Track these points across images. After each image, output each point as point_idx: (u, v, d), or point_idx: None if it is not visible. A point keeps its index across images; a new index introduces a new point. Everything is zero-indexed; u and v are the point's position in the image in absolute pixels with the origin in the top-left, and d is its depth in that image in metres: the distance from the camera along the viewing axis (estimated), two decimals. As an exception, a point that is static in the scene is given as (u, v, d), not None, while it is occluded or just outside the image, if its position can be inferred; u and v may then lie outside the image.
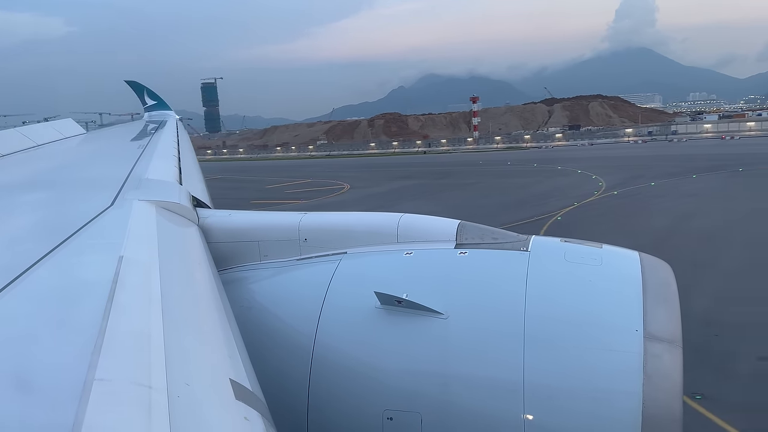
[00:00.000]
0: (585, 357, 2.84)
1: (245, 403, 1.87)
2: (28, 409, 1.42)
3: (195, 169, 8.86)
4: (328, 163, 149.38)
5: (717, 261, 29.32)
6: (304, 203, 61.53)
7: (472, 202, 55.22)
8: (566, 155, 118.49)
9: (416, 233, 3.85)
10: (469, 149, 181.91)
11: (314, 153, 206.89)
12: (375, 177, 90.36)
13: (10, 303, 2.04)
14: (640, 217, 42.25)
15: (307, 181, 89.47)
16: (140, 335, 1.90)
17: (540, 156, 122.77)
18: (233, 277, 3.93)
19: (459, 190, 68.61)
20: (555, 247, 3.50)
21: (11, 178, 6.15)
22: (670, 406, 2.73)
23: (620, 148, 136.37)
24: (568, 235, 3.91)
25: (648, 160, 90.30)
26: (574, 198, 52.02)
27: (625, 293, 3.05)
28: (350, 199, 65.30)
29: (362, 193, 70.02)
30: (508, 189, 65.15)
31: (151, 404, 1.51)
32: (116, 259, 2.48)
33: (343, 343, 3.23)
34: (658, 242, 32.38)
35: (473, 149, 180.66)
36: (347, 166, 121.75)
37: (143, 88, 26.48)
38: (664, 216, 41.63)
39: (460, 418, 2.93)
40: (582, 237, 3.81)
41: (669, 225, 38.56)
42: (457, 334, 3.04)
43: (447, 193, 64.39)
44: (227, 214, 4.48)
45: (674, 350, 2.82)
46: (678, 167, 75.26)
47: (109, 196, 3.96)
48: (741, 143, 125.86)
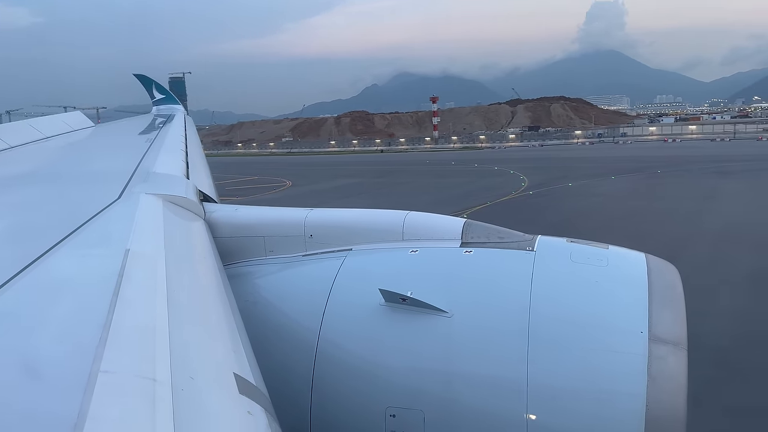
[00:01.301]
0: (589, 358, 2.85)
1: (249, 398, 1.88)
2: (34, 400, 1.44)
3: (202, 164, 8.87)
4: (282, 160, 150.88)
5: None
6: (239, 200, 63.18)
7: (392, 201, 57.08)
8: (511, 156, 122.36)
9: (421, 231, 3.89)
10: (426, 149, 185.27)
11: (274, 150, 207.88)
12: (320, 175, 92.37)
13: (17, 294, 2.05)
14: (538, 214, 44.89)
15: (253, 178, 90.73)
16: (145, 328, 1.92)
17: (487, 156, 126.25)
18: (239, 272, 3.96)
19: (388, 188, 71.03)
20: (561, 247, 3.50)
21: (20, 170, 6.16)
22: (674, 408, 2.73)
23: (566, 150, 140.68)
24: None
25: (582, 162, 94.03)
26: (491, 197, 54.56)
27: (630, 295, 3.06)
28: (285, 196, 67.30)
29: (299, 191, 71.96)
30: (434, 188, 67.78)
31: (155, 397, 1.52)
32: (122, 253, 2.49)
33: (346, 339, 3.25)
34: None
35: (430, 149, 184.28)
36: (299, 164, 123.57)
37: (152, 82, 26.14)
38: (559, 214, 44.36)
39: (463, 416, 2.95)
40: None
41: (558, 222, 41.12)
42: (461, 332, 3.05)
43: (374, 191, 67.02)
44: (234, 209, 4.54)
45: (679, 353, 2.82)
46: (604, 169, 78.89)
47: (116, 190, 3.99)
48: (680, 146, 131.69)
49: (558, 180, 67.71)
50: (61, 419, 1.35)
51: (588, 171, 77.09)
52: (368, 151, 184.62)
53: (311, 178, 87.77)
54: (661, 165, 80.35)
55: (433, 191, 64.49)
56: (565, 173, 74.89)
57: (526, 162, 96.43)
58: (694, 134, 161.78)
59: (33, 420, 1.37)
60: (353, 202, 52.78)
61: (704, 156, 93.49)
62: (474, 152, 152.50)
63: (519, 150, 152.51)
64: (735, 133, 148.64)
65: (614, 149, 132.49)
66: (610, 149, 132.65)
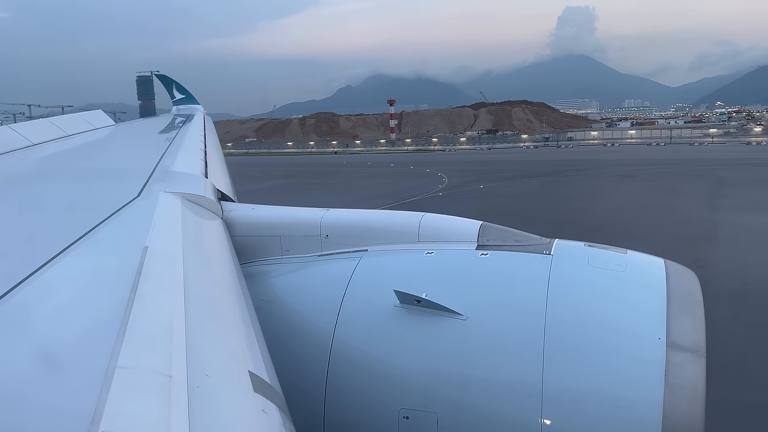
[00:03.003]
0: (605, 363, 2.83)
1: (263, 396, 1.89)
2: (52, 394, 1.46)
3: (220, 163, 9.00)
4: (234, 161, 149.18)
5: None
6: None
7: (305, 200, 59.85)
8: (453, 159, 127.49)
9: (437, 233, 3.88)
10: (381, 151, 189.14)
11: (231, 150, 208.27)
12: (260, 175, 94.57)
13: (37, 290, 2.07)
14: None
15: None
16: (162, 325, 1.93)
17: (432, 159, 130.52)
18: (255, 271, 3.99)
19: (315, 189, 74.30)
20: (578, 251, 3.47)
21: (42, 168, 6.27)
22: (691, 416, 2.68)
23: (508, 153, 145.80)
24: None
25: (511, 165, 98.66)
26: (401, 198, 57.94)
27: (648, 300, 3.03)
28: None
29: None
30: (356, 189, 71.33)
31: (171, 393, 1.54)
32: (141, 250, 2.52)
33: (361, 340, 3.25)
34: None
35: (385, 151, 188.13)
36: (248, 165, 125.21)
37: (172, 81, 26.12)
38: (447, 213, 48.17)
39: (477, 419, 2.93)
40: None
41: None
42: (476, 335, 3.03)
43: (298, 191, 70.00)
44: (251, 208, 4.57)
45: (697, 360, 2.78)
46: (524, 172, 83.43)
47: (136, 188, 4.03)
48: (612, 150, 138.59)
49: (475, 182, 71.87)
50: (78, 413, 1.36)
51: (509, 174, 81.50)
52: (324, 153, 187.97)
53: (249, 178, 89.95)
54: (577, 168, 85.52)
55: (354, 191, 67.90)
56: (486, 176, 79.10)
57: (462, 165, 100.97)
58: (633, 139, 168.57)
59: (51, 414, 1.40)
60: (270, 201, 55.66)
61: (622, 160, 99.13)
62: (423, 155, 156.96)
63: (466, 153, 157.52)
64: (671, 138, 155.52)
65: (551, 153, 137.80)
66: (547, 153, 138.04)
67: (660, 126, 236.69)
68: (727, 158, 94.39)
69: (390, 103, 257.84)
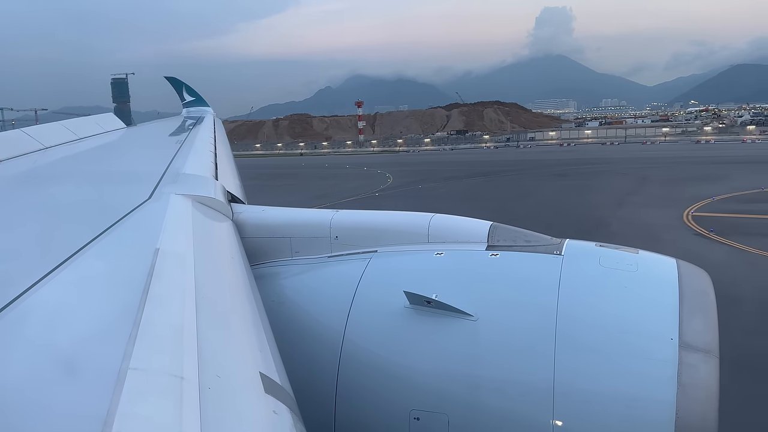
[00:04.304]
0: (617, 364, 2.83)
1: (274, 397, 1.90)
2: (65, 395, 1.47)
3: (230, 165, 9.10)
4: None
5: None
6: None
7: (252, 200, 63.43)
8: (411, 160, 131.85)
9: (447, 234, 3.88)
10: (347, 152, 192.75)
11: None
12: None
13: (49, 292, 2.08)
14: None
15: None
16: (174, 326, 1.95)
17: (389, 160, 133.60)
18: (265, 272, 4.00)
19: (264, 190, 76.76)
20: (589, 251, 3.46)
21: (55, 171, 6.30)
22: (705, 417, 2.67)
23: (466, 154, 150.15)
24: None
25: (460, 165, 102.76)
26: (341, 198, 60.90)
27: (660, 300, 3.02)
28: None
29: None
30: (302, 189, 74.44)
31: (182, 395, 1.55)
32: (153, 252, 2.54)
33: (371, 341, 3.26)
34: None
35: (351, 152, 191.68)
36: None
37: (182, 84, 26.02)
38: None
39: (488, 420, 2.94)
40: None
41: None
42: (487, 336, 3.03)
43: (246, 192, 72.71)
44: (261, 209, 4.62)
45: (711, 360, 2.77)
46: (467, 172, 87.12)
47: (147, 190, 4.05)
48: (565, 149, 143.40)
49: (417, 182, 75.36)
50: (91, 415, 1.37)
51: (453, 174, 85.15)
52: (291, 155, 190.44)
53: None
54: (518, 168, 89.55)
55: (297, 192, 70.75)
56: (431, 176, 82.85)
57: (416, 166, 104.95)
58: (589, 138, 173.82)
59: (64, 415, 1.41)
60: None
61: (565, 159, 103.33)
62: (386, 156, 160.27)
63: (428, 154, 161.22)
64: (626, 138, 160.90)
65: (507, 153, 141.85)
66: (503, 153, 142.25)
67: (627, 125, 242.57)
68: (667, 156, 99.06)
69: (358, 104, 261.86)
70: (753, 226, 37.92)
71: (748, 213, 41.53)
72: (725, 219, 39.89)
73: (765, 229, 36.68)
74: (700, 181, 60.38)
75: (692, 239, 34.70)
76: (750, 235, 34.32)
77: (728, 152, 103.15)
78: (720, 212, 42.57)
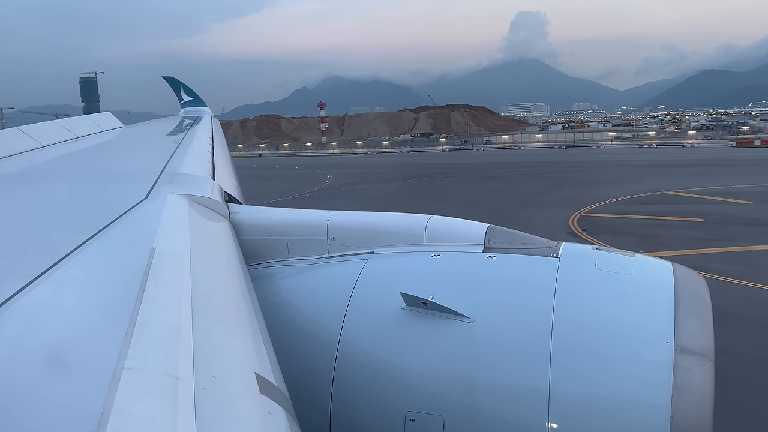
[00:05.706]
0: (613, 367, 2.83)
1: (270, 398, 1.91)
2: (60, 395, 1.46)
3: (227, 165, 9.13)
4: None
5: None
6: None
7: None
8: (362, 162, 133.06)
9: (444, 235, 3.89)
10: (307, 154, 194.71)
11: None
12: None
13: (45, 291, 2.07)
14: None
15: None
16: (169, 326, 1.94)
17: (340, 162, 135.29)
18: (262, 273, 4.01)
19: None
20: (586, 254, 3.48)
21: (51, 169, 6.26)
22: (699, 421, 2.68)
23: (420, 156, 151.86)
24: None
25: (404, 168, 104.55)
26: (273, 198, 61.87)
27: (656, 304, 3.03)
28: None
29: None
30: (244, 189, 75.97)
31: (177, 395, 1.55)
32: (149, 251, 2.54)
33: (367, 342, 3.26)
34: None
35: (311, 154, 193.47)
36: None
37: (180, 84, 25.98)
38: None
39: (483, 422, 2.94)
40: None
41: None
42: (483, 338, 3.05)
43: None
44: (258, 210, 4.62)
45: (706, 364, 2.78)
46: (407, 174, 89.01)
47: (143, 190, 4.05)
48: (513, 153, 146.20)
49: (355, 183, 77.54)
50: (85, 414, 1.37)
51: (395, 176, 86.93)
52: (251, 156, 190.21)
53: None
54: (456, 170, 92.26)
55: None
56: (372, 178, 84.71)
57: (362, 168, 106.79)
58: (539, 143, 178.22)
59: (59, 415, 1.40)
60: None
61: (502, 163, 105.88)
62: (342, 158, 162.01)
63: (384, 156, 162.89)
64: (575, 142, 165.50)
65: (457, 156, 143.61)
66: (453, 156, 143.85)
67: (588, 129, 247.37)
68: (600, 160, 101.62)
69: (320, 106, 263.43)
70: (625, 225, 40.98)
71: (629, 213, 44.57)
72: (605, 219, 42.88)
73: (634, 228, 39.67)
74: (610, 183, 63.19)
75: (560, 237, 37.63)
76: (615, 234, 37.29)
77: (661, 156, 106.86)
78: (606, 213, 45.47)
